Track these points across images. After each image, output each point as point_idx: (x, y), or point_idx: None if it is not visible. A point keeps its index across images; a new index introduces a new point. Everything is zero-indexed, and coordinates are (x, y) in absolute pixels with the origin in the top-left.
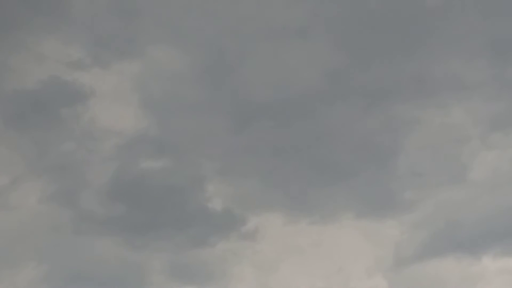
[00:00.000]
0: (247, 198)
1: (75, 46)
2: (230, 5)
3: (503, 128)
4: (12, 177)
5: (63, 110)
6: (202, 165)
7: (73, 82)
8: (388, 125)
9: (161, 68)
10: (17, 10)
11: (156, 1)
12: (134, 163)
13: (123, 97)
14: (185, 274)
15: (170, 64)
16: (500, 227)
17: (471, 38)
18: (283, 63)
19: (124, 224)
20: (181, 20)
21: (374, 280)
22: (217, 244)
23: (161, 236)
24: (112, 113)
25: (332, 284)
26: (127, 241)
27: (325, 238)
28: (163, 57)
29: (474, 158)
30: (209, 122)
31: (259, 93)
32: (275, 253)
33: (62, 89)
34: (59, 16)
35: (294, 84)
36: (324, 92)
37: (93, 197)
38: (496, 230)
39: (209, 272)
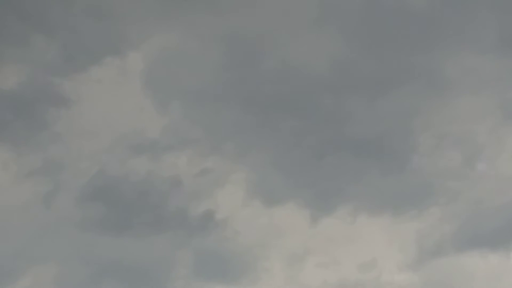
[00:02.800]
0: (270, 190)
1: (59, 47)
2: None
3: None
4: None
5: (46, 112)
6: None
7: (55, 85)
8: (398, 118)
9: (151, 66)
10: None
11: None
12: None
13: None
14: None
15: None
16: None
17: (483, 31)
18: (295, 54)
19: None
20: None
21: (405, 274)
22: None
23: None
24: (97, 114)
25: (363, 277)
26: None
27: (352, 233)
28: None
29: (491, 151)
30: (211, 116)
31: (268, 84)
32: (302, 247)
33: (45, 91)
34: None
35: (306, 76)
36: (336, 84)
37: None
38: None
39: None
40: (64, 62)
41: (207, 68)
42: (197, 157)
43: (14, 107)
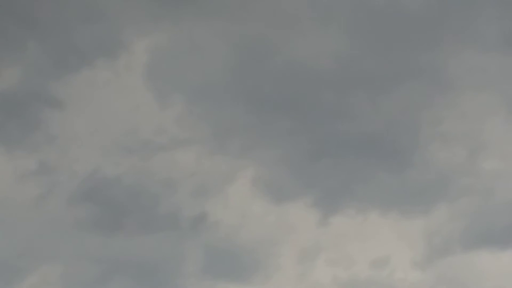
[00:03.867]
0: (278, 187)
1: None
2: None
3: None
4: None
5: (40, 114)
6: None
7: (49, 86)
8: (403, 114)
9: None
10: None
11: None
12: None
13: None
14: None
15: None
16: None
17: (486, 29)
18: (300, 51)
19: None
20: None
21: (414, 272)
22: None
23: None
24: (87, 117)
25: (373, 275)
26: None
27: (360, 230)
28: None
29: (499, 147)
30: (215, 114)
31: (272, 81)
32: (313, 244)
33: (38, 93)
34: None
35: (311, 73)
36: (342, 81)
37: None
38: None
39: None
40: (58, 64)
41: (208, 66)
42: (203, 154)
43: (6, 109)
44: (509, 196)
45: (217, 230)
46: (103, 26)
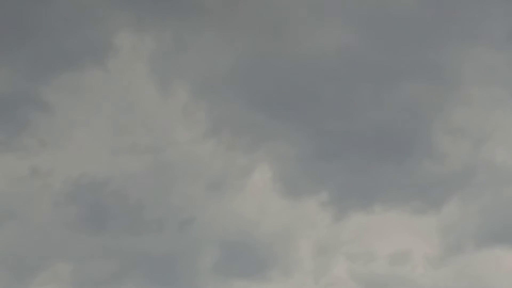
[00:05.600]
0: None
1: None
2: None
3: None
4: None
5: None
6: None
7: (38, 90)
8: (408, 108)
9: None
10: None
11: None
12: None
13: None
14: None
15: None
16: None
17: (493, 25)
18: (308, 45)
19: None
20: None
21: (431, 268)
22: None
23: None
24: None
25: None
26: None
27: (375, 227)
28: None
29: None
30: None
31: (279, 76)
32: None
33: (27, 96)
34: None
35: (319, 67)
36: (350, 75)
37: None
38: None
39: None
40: (47, 67)
41: (207, 64)
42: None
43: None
44: None
45: (233, 225)
46: (92, 28)
